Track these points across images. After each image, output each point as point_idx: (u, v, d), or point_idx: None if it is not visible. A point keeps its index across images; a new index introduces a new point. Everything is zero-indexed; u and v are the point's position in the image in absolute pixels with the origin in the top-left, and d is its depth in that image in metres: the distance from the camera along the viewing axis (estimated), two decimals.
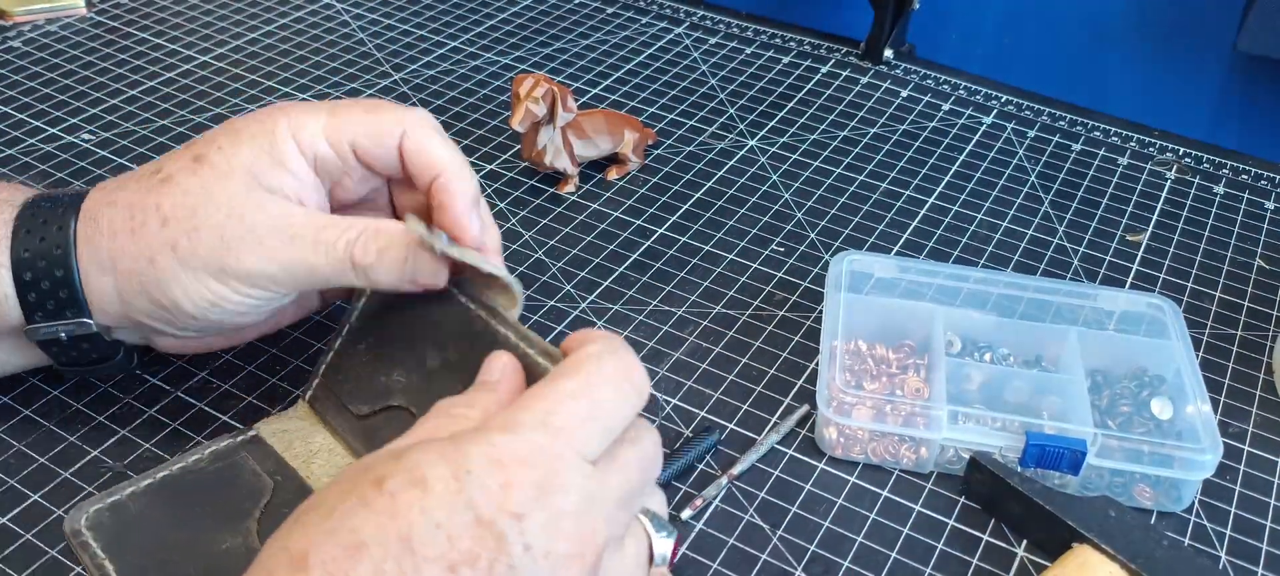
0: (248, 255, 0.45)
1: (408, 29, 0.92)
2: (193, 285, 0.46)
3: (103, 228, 0.46)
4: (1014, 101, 0.86)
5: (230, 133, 0.48)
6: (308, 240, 0.46)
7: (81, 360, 0.50)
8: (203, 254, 0.45)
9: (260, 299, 0.47)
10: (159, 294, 0.46)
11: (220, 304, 0.46)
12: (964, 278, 0.61)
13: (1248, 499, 0.54)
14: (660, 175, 0.75)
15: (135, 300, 0.47)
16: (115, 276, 0.46)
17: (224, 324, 0.48)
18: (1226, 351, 0.63)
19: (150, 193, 0.47)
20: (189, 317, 0.47)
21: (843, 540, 0.50)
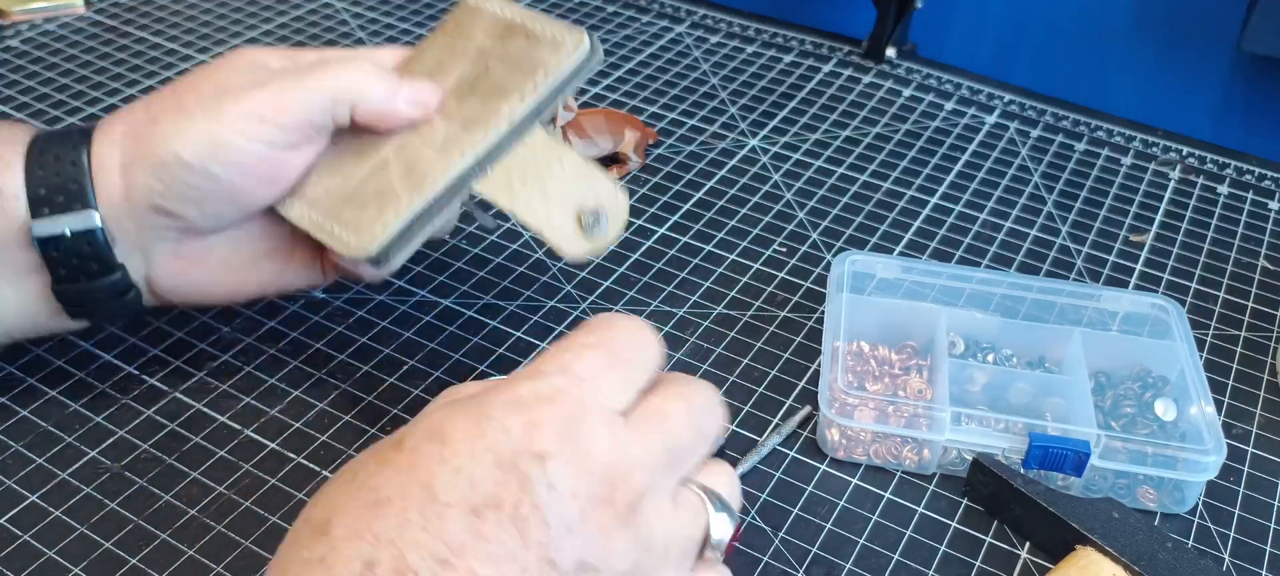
0: (242, 93, 0.48)
1: (408, 29, 0.92)
2: (191, 130, 0.47)
3: (122, 116, 0.49)
4: (1017, 101, 0.86)
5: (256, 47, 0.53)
6: (306, 63, 0.50)
7: (81, 271, 0.48)
8: (205, 99, 0.48)
9: (258, 142, 0.48)
10: (161, 149, 0.47)
11: (217, 147, 0.47)
12: (967, 278, 0.60)
13: (1251, 500, 0.53)
14: (661, 175, 0.75)
15: (136, 171, 0.47)
16: (122, 148, 0.48)
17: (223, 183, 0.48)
18: (1230, 353, 0.63)
19: (170, 84, 0.51)
20: (186, 171, 0.47)
21: (845, 542, 0.50)
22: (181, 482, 0.50)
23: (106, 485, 0.50)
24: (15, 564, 0.46)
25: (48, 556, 0.47)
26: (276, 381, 0.56)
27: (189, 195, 0.48)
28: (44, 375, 0.55)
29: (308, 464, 0.51)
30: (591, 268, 0.65)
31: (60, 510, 0.49)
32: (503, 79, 0.50)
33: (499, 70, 0.51)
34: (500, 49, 0.51)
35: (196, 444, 0.52)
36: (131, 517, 0.48)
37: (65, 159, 0.48)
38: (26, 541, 0.47)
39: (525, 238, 0.68)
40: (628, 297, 0.63)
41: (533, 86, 0.49)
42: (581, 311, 0.62)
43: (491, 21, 0.52)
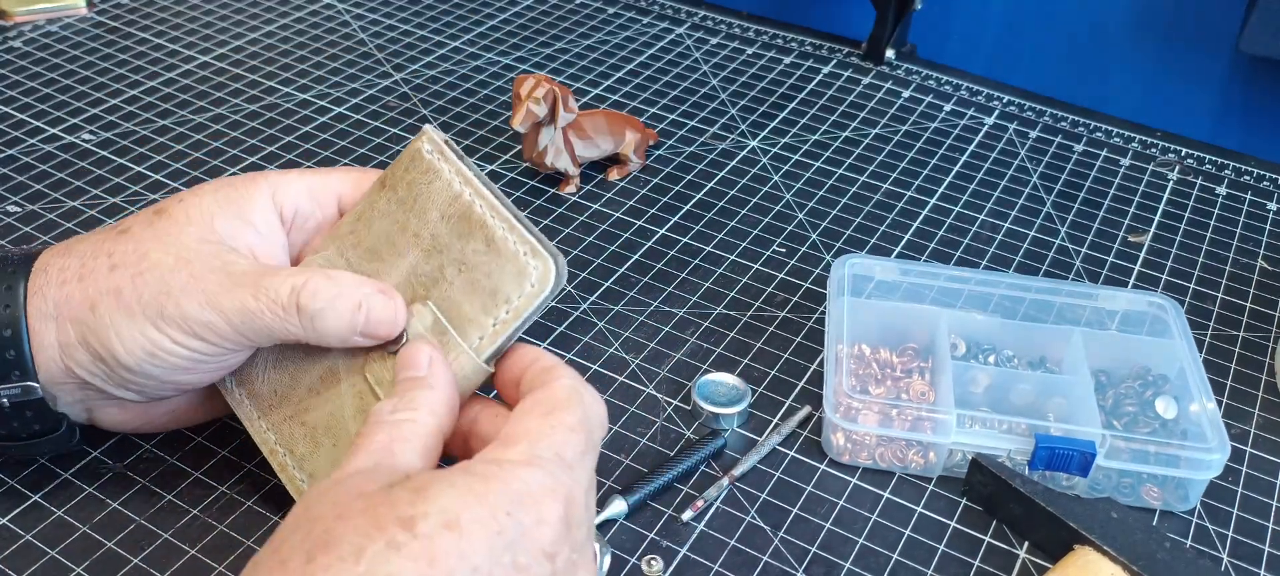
0: (187, 300, 0.43)
1: (408, 29, 0.92)
2: (130, 332, 0.43)
3: (52, 277, 0.45)
4: (1016, 102, 0.86)
5: (200, 188, 0.47)
6: (249, 285, 0.44)
7: (23, 431, 0.46)
8: (145, 298, 0.43)
9: (198, 351, 0.44)
10: (96, 343, 0.44)
11: (156, 354, 0.44)
12: (966, 279, 0.61)
13: (1250, 500, 0.54)
14: (661, 176, 0.75)
15: (75, 352, 0.44)
16: (57, 325, 0.44)
17: (163, 380, 0.45)
18: (1228, 353, 0.63)
19: (105, 242, 0.45)
20: (125, 371, 0.44)
21: (844, 542, 0.50)
22: (183, 482, 0.50)
23: (108, 485, 0.50)
24: (18, 563, 0.46)
25: (50, 556, 0.47)
26: None
27: (128, 384, 0.45)
28: None
29: None
30: (592, 268, 0.65)
31: (63, 510, 0.49)
32: (459, 301, 0.44)
33: (456, 284, 0.45)
34: (458, 249, 0.45)
35: (198, 443, 0.52)
36: (133, 517, 0.49)
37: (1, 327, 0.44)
38: (29, 541, 0.47)
39: None
40: (628, 298, 0.63)
41: (492, 326, 0.44)
42: (582, 311, 0.62)
43: (448, 199, 0.46)
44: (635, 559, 0.48)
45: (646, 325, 0.62)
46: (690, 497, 0.51)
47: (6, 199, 0.68)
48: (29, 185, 0.69)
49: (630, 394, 0.57)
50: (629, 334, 0.61)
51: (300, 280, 0.44)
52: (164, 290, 0.43)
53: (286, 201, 0.48)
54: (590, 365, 0.58)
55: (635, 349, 0.60)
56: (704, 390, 0.56)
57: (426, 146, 0.47)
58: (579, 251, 0.67)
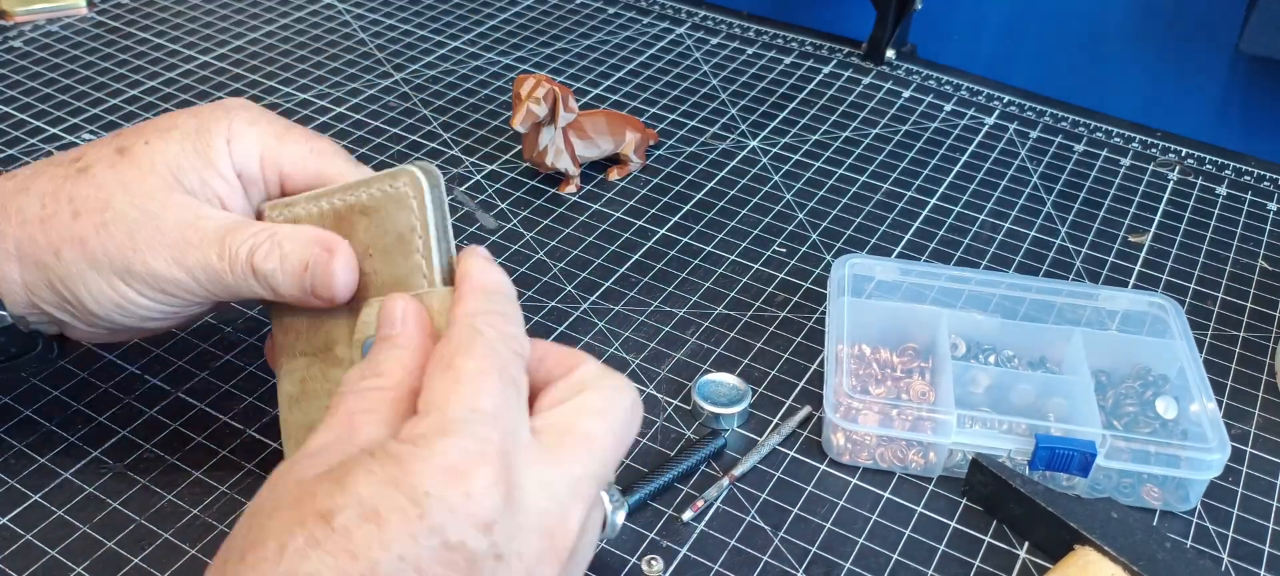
0: (154, 257, 0.43)
1: (409, 29, 0.92)
2: (98, 284, 0.43)
3: (11, 215, 0.44)
4: (1016, 102, 0.86)
5: (161, 127, 0.45)
6: (214, 244, 0.43)
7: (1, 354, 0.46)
8: (112, 252, 0.43)
9: (167, 304, 0.44)
10: (63, 289, 0.43)
11: (125, 306, 0.44)
12: (966, 280, 0.61)
13: (1250, 501, 0.54)
14: (662, 176, 0.75)
15: (41, 292, 0.44)
16: (20, 266, 0.44)
17: (132, 327, 0.46)
18: (1229, 353, 0.63)
19: (66, 181, 0.44)
20: (93, 316, 0.44)
21: (844, 542, 0.50)
22: (184, 482, 0.50)
23: (109, 484, 0.50)
24: (18, 563, 0.46)
25: (51, 555, 0.47)
26: None
27: (97, 326, 0.45)
28: (47, 375, 0.55)
29: None
30: (592, 269, 0.65)
31: (63, 509, 0.49)
32: (389, 270, 0.44)
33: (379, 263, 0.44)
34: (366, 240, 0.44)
35: (199, 443, 0.52)
36: (134, 517, 0.49)
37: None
38: (29, 541, 0.47)
39: (527, 237, 0.68)
40: (628, 298, 0.63)
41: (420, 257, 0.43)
42: (582, 312, 0.62)
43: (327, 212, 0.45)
44: (635, 559, 0.48)
45: (647, 325, 0.62)
46: (690, 497, 0.51)
47: None
48: None
49: None
50: (629, 334, 0.61)
51: (258, 239, 0.43)
52: (130, 245, 0.43)
53: (237, 156, 0.45)
54: None
55: (635, 349, 0.60)
56: (704, 390, 0.56)
57: (412, 197, 0.44)
58: (579, 251, 0.67)
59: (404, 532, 0.32)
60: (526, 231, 0.68)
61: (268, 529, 0.32)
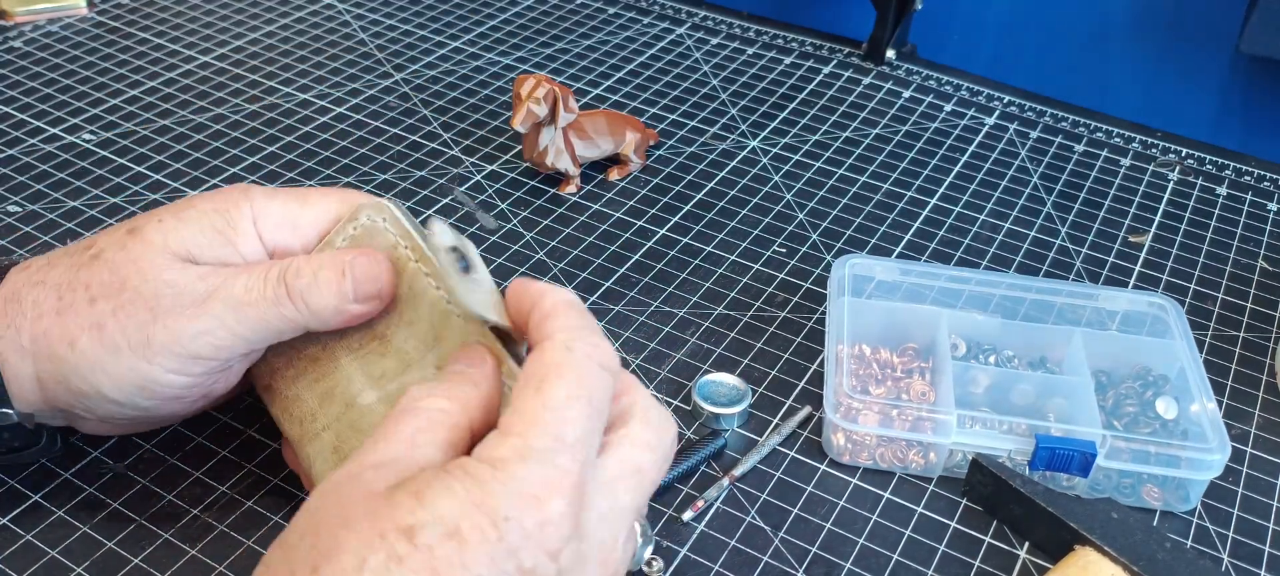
0: (174, 319, 0.42)
1: (409, 29, 0.92)
2: (116, 369, 0.42)
3: (26, 309, 0.43)
4: (1016, 102, 0.86)
5: (177, 210, 0.45)
6: (236, 286, 0.42)
7: (3, 448, 0.45)
8: (130, 331, 0.42)
9: (188, 377, 0.43)
10: (80, 382, 0.42)
11: (147, 387, 0.43)
12: (966, 280, 0.61)
13: (1250, 501, 0.54)
14: (662, 176, 0.75)
15: (55, 388, 0.43)
16: (35, 361, 0.43)
17: (152, 412, 0.45)
18: (1229, 353, 0.63)
19: (80, 270, 0.43)
20: (112, 404, 0.43)
21: (844, 542, 0.50)
22: (184, 482, 0.50)
23: (109, 485, 0.50)
24: (18, 563, 0.46)
25: (51, 556, 0.47)
26: None
27: (116, 417, 0.45)
28: None
29: None
30: (592, 269, 0.65)
31: (63, 510, 0.49)
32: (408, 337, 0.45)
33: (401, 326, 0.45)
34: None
35: (199, 443, 0.52)
36: (134, 517, 0.49)
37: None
38: (30, 541, 0.47)
39: (527, 238, 0.68)
40: (629, 298, 0.63)
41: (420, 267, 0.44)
42: None
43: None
44: None
45: (647, 325, 0.62)
46: (691, 497, 0.51)
47: (6, 199, 0.68)
48: (29, 185, 0.69)
49: None
50: (629, 334, 0.61)
51: (285, 264, 0.43)
52: (150, 317, 0.42)
53: (266, 233, 0.45)
54: None
55: (636, 349, 0.60)
56: (704, 390, 0.56)
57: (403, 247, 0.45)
58: (579, 252, 0.67)
59: (483, 553, 0.33)
60: (526, 231, 0.68)
61: (342, 540, 0.33)
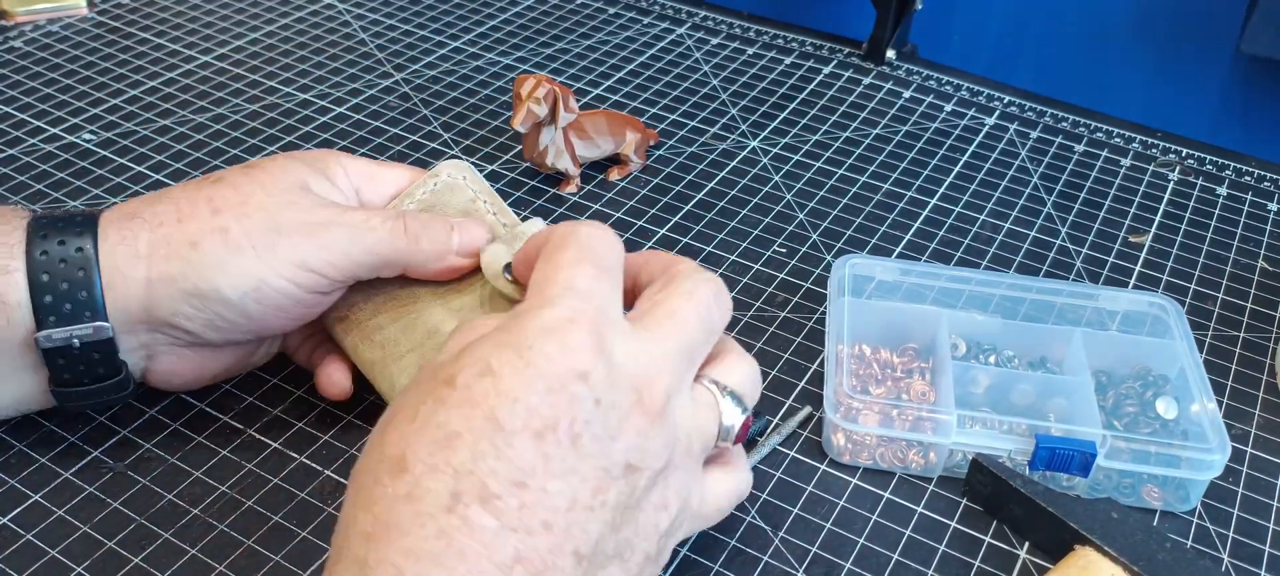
0: (297, 234, 0.47)
1: (409, 29, 0.92)
2: (237, 267, 0.46)
3: (146, 220, 0.47)
4: (1016, 103, 0.86)
5: (279, 158, 0.50)
6: (358, 219, 0.48)
7: (86, 376, 0.47)
8: (255, 235, 0.46)
9: (299, 289, 0.47)
10: (197, 279, 0.46)
11: (262, 288, 0.46)
12: (966, 280, 0.61)
13: (1250, 501, 0.54)
14: (662, 176, 0.75)
15: (163, 292, 0.46)
16: (149, 265, 0.46)
17: (257, 320, 0.48)
18: (1229, 353, 0.63)
19: (201, 188, 0.48)
20: (223, 306, 0.46)
21: (844, 542, 0.50)
22: (184, 482, 0.50)
23: (109, 484, 0.50)
24: (18, 563, 0.46)
25: (51, 555, 0.47)
26: (279, 381, 0.56)
27: (217, 323, 0.47)
28: None
29: (310, 463, 0.52)
30: None
31: (63, 509, 0.49)
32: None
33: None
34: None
35: (199, 443, 0.52)
36: (134, 517, 0.49)
37: (72, 263, 0.45)
38: (30, 540, 0.47)
39: None
40: None
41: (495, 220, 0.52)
42: None
43: None
44: None
45: None
46: None
47: (6, 199, 0.68)
48: (29, 185, 0.69)
49: None
50: None
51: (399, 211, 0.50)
52: (274, 227, 0.47)
53: (352, 173, 0.51)
54: None
55: None
56: None
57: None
58: None
59: (516, 381, 0.37)
60: None
61: (402, 402, 0.38)
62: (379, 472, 0.37)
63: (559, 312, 0.39)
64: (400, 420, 0.38)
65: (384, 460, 0.37)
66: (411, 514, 0.36)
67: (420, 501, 0.36)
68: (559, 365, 0.38)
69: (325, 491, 0.50)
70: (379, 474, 0.37)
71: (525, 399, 0.37)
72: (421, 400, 0.38)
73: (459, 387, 0.37)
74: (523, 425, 0.37)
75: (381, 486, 0.36)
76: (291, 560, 0.47)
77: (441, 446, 0.36)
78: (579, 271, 0.40)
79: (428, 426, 0.37)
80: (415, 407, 0.38)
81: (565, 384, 0.37)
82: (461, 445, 0.36)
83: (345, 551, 0.36)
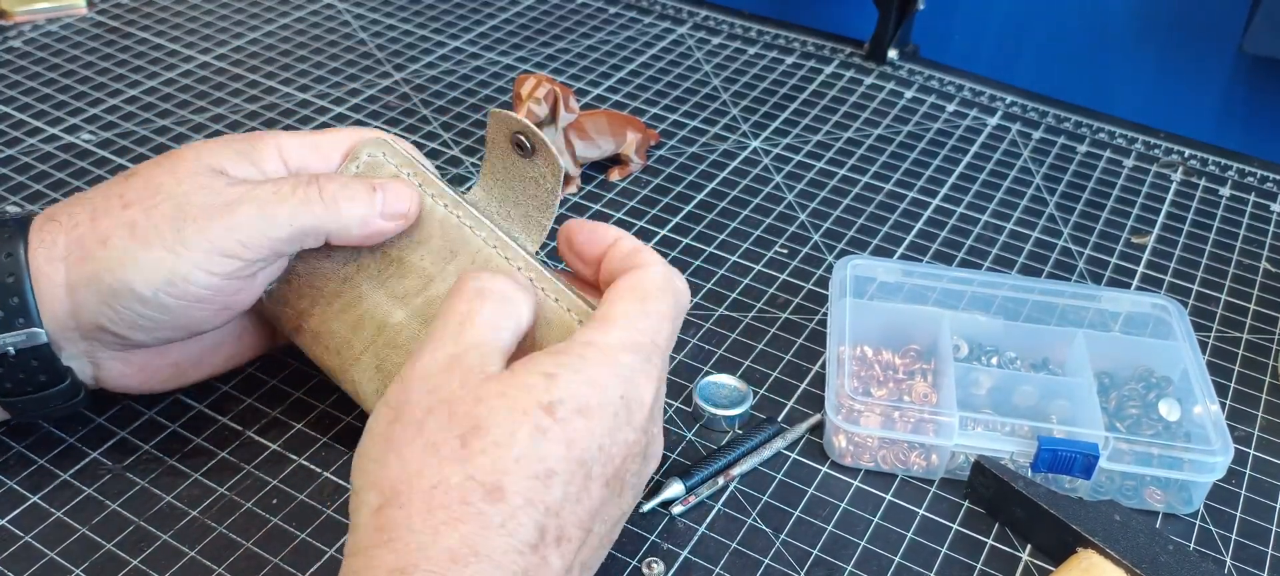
0: (204, 217, 0.44)
1: (409, 29, 0.92)
2: (147, 260, 0.44)
3: (62, 224, 0.45)
4: (1019, 103, 0.86)
5: (206, 140, 0.48)
6: (268, 191, 0.45)
7: (28, 384, 0.46)
8: (162, 226, 0.44)
9: (215, 276, 0.45)
10: (110, 278, 0.44)
11: (175, 282, 0.44)
12: (968, 281, 0.60)
13: (1253, 503, 0.53)
14: (663, 176, 0.75)
15: (85, 294, 0.44)
16: (67, 267, 0.44)
17: (177, 316, 0.45)
18: (1232, 354, 0.63)
19: (115, 185, 0.46)
20: (139, 304, 0.44)
21: (846, 544, 0.50)
22: (183, 484, 0.50)
23: (108, 486, 0.50)
24: (17, 565, 0.46)
25: (49, 557, 0.46)
26: (278, 383, 0.56)
27: (139, 323, 0.45)
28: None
29: (309, 465, 0.51)
30: None
31: (62, 511, 0.49)
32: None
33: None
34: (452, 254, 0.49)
35: (198, 445, 0.52)
36: (133, 519, 0.48)
37: (2, 269, 0.44)
38: (28, 542, 0.47)
39: None
40: None
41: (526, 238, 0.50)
42: None
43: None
44: (636, 561, 0.48)
45: None
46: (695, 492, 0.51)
47: (6, 199, 0.68)
48: (29, 185, 0.69)
49: None
50: None
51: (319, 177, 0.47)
52: (180, 212, 0.44)
53: (291, 155, 0.49)
54: None
55: None
56: (705, 392, 0.56)
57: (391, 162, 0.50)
58: None
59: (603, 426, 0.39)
60: None
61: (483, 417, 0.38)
62: (468, 493, 0.37)
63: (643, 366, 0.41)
64: (492, 439, 0.38)
65: (475, 482, 0.37)
66: (504, 546, 0.36)
67: (513, 535, 0.36)
68: (634, 418, 0.40)
69: (325, 493, 0.50)
70: (468, 494, 0.37)
71: (608, 448, 0.39)
72: (517, 422, 0.38)
73: (559, 421, 0.38)
74: (600, 472, 0.39)
75: (471, 508, 0.36)
76: (290, 562, 0.47)
77: (540, 483, 0.37)
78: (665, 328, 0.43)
79: (528, 459, 0.37)
80: (512, 431, 0.38)
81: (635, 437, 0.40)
82: (556, 485, 0.38)
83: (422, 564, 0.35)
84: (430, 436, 0.38)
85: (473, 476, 0.37)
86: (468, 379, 0.39)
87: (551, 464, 0.38)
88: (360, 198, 0.46)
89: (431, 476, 0.37)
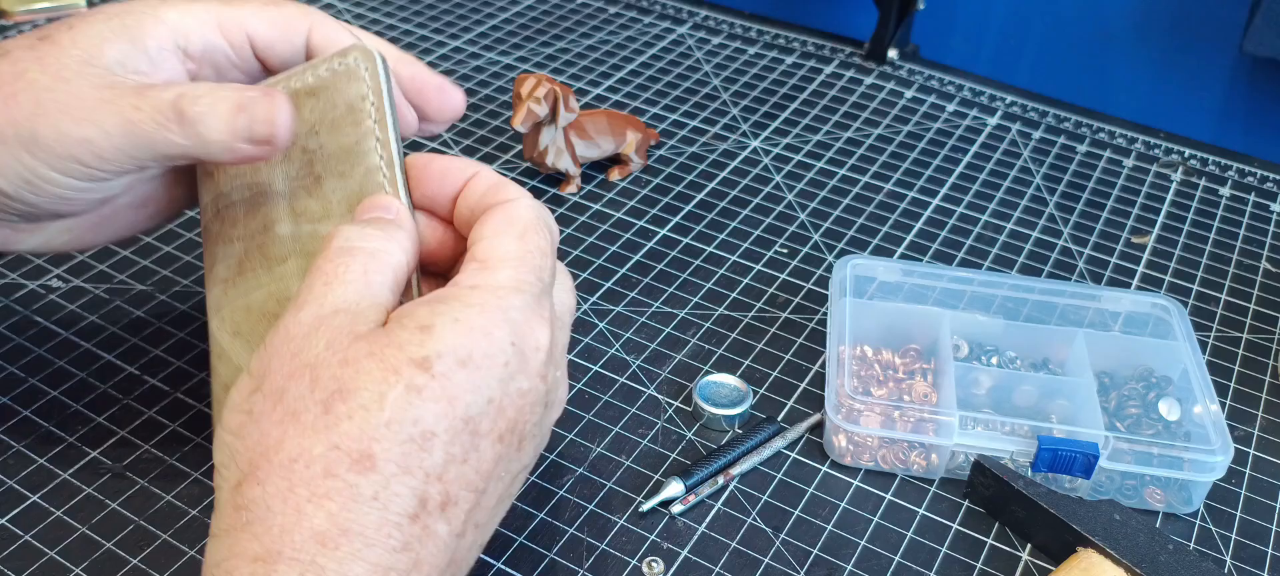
0: (63, 117, 0.40)
1: (409, 29, 0.92)
2: (3, 158, 0.40)
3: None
4: (1019, 103, 0.86)
5: (91, 13, 0.43)
6: (130, 96, 0.40)
7: None
8: (18, 121, 0.40)
9: (75, 180, 0.41)
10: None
11: (32, 182, 0.41)
12: (968, 281, 0.60)
13: (1253, 503, 0.53)
14: (663, 176, 0.75)
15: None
16: None
17: (45, 208, 0.43)
18: (1232, 354, 0.63)
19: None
20: (3, 197, 0.42)
21: (846, 544, 0.50)
22: (183, 483, 0.50)
23: (108, 485, 0.50)
24: (16, 564, 0.46)
25: (49, 556, 0.47)
26: None
27: (9, 209, 0.43)
28: (46, 375, 0.55)
29: None
30: (593, 269, 0.65)
31: (61, 510, 0.49)
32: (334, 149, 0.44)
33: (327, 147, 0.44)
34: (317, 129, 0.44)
35: (197, 444, 0.52)
36: (133, 518, 0.48)
37: None
38: (28, 541, 0.47)
39: None
40: (629, 298, 0.63)
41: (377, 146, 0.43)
42: (582, 312, 0.62)
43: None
44: (635, 561, 0.48)
45: (647, 326, 0.61)
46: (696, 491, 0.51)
47: None
48: None
49: (631, 395, 0.57)
50: (630, 335, 0.61)
51: (183, 88, 0.41)
52: (38, 111, 0.40)
53: (192, 31, 0.44)
54: (591, 366, 0.58)
55: (636, 350, 0.60)
56: (705, 391, 0.56)
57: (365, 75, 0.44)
58: (580, 252, 0.67)
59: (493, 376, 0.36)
60: None
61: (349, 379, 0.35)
62: (333, 464, 0.33)
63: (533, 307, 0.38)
64: (359, 403, 0.34)
65: (341, 452, 0.33)
66: (377, 520, 0.33)
67: (387, 507, 0.33)
68: (529, 365, 0.37)
69: None
70: (333, 466, 0.33)
71: (499, 399, 0.36)
72: (387, 383, 0.34)
73: (436, 376, 0.35)
74: (491, 427, 0.36)
75: (338, 480, 0.33)
76: None
77: (416, 446, 0.34)
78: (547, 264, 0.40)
79: (401, 422, 0.34)
80: (381, 393, 0.34)
81: (531, 386, 0.37)
82: (436, 447, 0.34)
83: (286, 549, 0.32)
84: (290, 404, 0.35)
85: (337, 445, 0.33)
86: (335, 340, 0.36)
87: (429, 424, 0.34)
88: (223, 121, 0.40)
89: (291, 448, 0.34)
